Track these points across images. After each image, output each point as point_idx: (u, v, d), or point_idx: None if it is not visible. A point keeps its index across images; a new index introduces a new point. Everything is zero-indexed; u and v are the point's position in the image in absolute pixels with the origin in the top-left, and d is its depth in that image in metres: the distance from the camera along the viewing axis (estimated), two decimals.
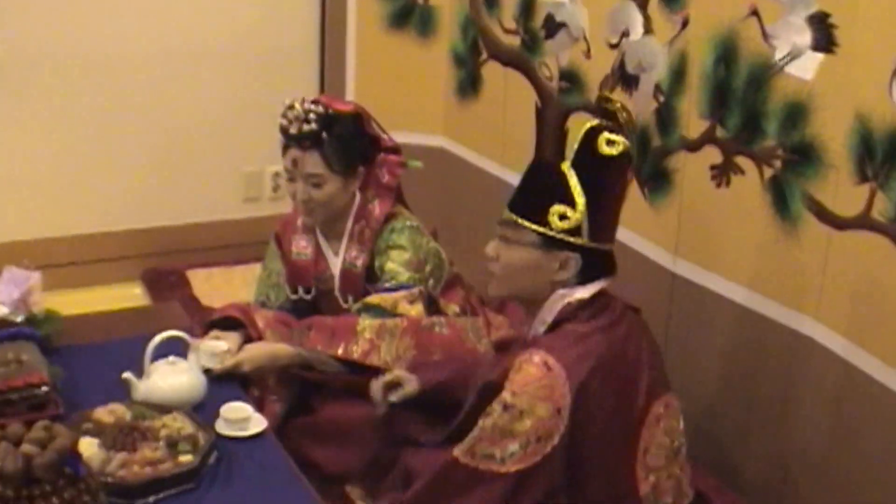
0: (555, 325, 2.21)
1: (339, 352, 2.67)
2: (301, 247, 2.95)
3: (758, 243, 2.64)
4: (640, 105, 3.03)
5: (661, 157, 2.94)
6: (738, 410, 2.77)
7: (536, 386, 2.09)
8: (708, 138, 2.75)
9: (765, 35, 2.54)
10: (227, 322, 2.75)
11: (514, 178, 3.61)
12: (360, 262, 2.86)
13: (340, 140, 2.76)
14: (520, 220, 2.20)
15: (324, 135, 2.73)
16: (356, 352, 2.66)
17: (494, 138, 3.79)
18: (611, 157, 2.14)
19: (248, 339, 2.71)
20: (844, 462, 2.48)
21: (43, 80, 3.98)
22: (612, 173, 2.18)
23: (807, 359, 2.55)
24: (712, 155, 2.75)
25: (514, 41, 3.65)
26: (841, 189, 2.40)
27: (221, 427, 2.35)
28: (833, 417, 2.50)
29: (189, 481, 2.14)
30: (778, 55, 2.51)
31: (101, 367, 2.60)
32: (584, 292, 2.21)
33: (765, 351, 2.67)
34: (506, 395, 2.12)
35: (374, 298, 2.77)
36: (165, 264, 4.28)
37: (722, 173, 2.73)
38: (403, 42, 4.13)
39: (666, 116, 2.90)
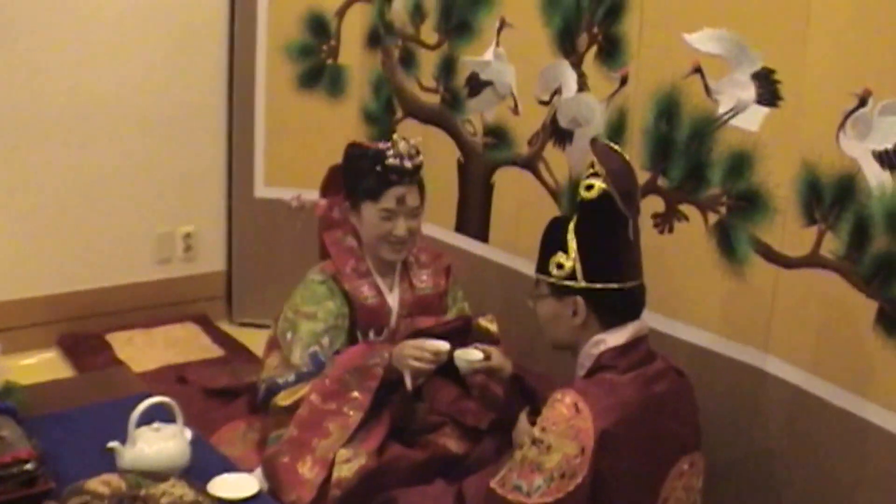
0: (593, 372, 2.30)
1: None
2: (366, 292, 2.96)
3: (703, 283, 2.77)
4: (574, 159, 3.15)
5: None
6: None
7: (565, 425, 2.15)
8: (650, 188, 2.86)
9: (708, 91, 2.66)
10: None
11: (435, 232, 3.71)
12: (434, 283, 3.05)
13: None
14: (535, 275, 2.40)
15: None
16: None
17: None
18: (590, 201, 2.30)
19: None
20: (803, 485, 2.60)
21: None
22: (596, 215, 2.31)
23: (757, 387, 2.68)
24: (655, 203, 2.86)
25: (433, 99, 3.74)
26: (788, 231, 2.54)
27: (216, 490, 2.37)
28: (789, 440, 2.63)
29: None
30: (722, 110, 2.63)
31: (76, 435, 2.59)
32: (615, 339, 2.31)
33: (713, 385, 2.75)
34: (535, 431, 2.20)
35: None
36: (80, 329, 4.21)
37: (664, 221, 2.85)
38: (313, 101, 4.18)
39: None
